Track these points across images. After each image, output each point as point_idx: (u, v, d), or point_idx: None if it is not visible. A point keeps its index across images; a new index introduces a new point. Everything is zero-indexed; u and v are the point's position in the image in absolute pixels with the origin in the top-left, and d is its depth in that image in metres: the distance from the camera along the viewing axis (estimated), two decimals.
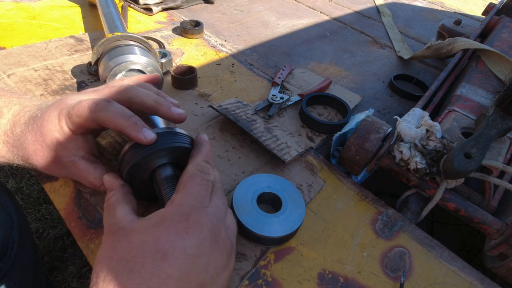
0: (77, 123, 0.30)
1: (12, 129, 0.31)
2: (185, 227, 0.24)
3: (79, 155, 0.32)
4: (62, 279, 0.82)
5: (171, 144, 0.30)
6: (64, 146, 0.31)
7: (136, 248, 0.23)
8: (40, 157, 0.32)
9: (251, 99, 0.58)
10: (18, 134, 0.31)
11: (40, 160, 0.32)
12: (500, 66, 0.60)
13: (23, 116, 0.32)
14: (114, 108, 0.30)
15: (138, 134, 0.29)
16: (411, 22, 1.07)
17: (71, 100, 0.31)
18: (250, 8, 0.97)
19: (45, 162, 0.32)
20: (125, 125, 0.29)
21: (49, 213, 0.96)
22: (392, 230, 0.40)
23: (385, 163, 0.44)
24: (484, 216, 0.39)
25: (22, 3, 0.73)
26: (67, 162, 0.32)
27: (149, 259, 0.22)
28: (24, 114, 0.32)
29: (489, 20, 0.81)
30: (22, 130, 0.31)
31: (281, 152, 0.45)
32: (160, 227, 0.24)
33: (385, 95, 0.69)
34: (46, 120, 0.31)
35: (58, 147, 0.31)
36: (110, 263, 0.23)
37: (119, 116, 0.29)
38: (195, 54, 0.68)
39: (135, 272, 0.22)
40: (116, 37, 0.48)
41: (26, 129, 0.31)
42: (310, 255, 0.36)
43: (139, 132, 0.29)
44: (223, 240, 0.26)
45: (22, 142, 0.31)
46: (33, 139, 0.31)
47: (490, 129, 0.42)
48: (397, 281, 0.35)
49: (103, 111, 0.29)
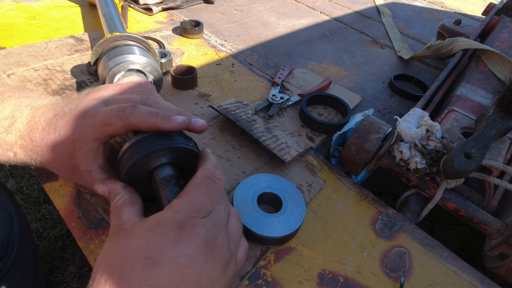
0: (105, 132, 0.30)
1: (30, 135, 0.31)
2: (177, 235, 0.24)
3: (96, 163, 0.32)
4: (62, 279, 0.82)
5: (170, 144, 0.30)
6: (85, 154, 0.31)
7: (129, 252, 0.23)
8: (57, 163, 0.32)
9: (251, 99, 0.58)
10: (37, 140, 0.31)
11: (56, 166, 0.33)
12: (500, 66, 0.60)
13: (39, 122, 0.32)
14: (140, 109, 0.30)
15: (172, 123, 0.30)
16: (411, 22, 1.07)
17: (92, 108, 0.32)
18: (250, 8, 0.97)
19: (61, 168, 0.33)
20: (156, 121, 0.30)
21: (49, 213, 0.96)
22: (392, 230, 0.40)
23: (385, 163, 0.44)
24: (484, 216, 0.39)
25: (22, 3, 0.73)
26: (84, 171, 0.32)
27: (139, 266, 0.22)
28: (40, 118, 0.32)
29: (489, 20, 0.81)
30: (41, 136, 0.31)
31: (281, 152, 0.45)
32: (153, 232, 0.24)
33: (385, 95, 0.69)
34: (69, 131, 0.31)
35: (79, 156, 0.31)
36: (105, 266, 0.23)
37: (148, 116, 0.30)
38: (195, 54, 0.68)
39: (125, 278, 0.22)
40: (115, 37, 0.48)
41: (46, 136, 0.31)
42: (310, 255, 0.36)
43: (171, 122, 0.30)
44: (219, 249, 0.25)
45: (43, 148, 0.31)
46: (53, 148, 0.31)
47: (490, 129, 0.42)
48: (397, 281, 0.35)
49: (132, 115, 0.30)
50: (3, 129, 0.31)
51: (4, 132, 0.31)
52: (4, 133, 0.31)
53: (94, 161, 0.32)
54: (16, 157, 0.33)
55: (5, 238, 0.38)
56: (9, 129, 0.31)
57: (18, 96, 0.33)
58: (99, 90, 0.34)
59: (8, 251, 0.38)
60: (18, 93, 0.34)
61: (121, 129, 0.30)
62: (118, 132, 0.31)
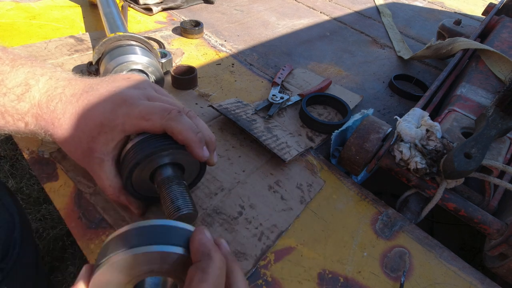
0: (138, 125, 0.30)
1: (49, 104, 0.30)
2: None
3: (112, 153, 0.31)
4: (62, 279, 0.82)
5: (175, 145, 0.30)
6: (106, 142, 0.30)
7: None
8: (73, 141, 0.31)
9: (251, 99, 0.58)
10: (58, 111, 0.30)
11: (72, 143, 0.31)
12: (500, 66, 0.60)
13: (63, 93, 0.30)
14: (185, 121, 0.30)
15: (202, 151, 0.30)
16: (411, 22, 1.07)
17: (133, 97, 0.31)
18: (250, 8, 0.97)
19: (75, 147, 0.31)
20: (193, 140, 0.30)
21: (49, 213, 0.96)
22: (392, 230, 0.40)
23: (385, 163, 0.44)
24: (484, 216, 0.39)
25: (22, 3, 0.73)
26: (97, 157, 0.31)
27: None
28: (63, 90, 0.30)
29: (489, 20, 0.81)
30: (64, 108, 0.30)
31: (281, 151, 0.45)
32: None
33: (385, 95, 0.69)
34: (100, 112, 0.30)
35: (100, 140, 0.30)
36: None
37: (189, 130, 0.30)
38: (195, 54, 0.68)
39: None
40: (118, 37, 0.48)
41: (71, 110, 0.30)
42: (310, 255, 0.36)
43: (202, 150, 0.30)
44: None
45: (62, 123, 0.30)
46: (77, 125, 0.30)
47: (490, 129, 0.42)
48: (397, 281, 0.35)
49: (175, 121, 0.30)
50: (15, 96, 0.30)
51: (16, 99, 0.30)
52: (16, 101, 0.30)
53: (112, 151, 0.31)
54: (26, 128, 0.31)
55: (7, 239, 0.38)
56: (22, 97, 0.30)
57: (31, 65, 0.32)
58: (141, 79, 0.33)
59: (10, 251, 0.38)
60: (30, 62, 0.32)
61: (157, 128, 0.30)
62: (152, 129, 0.30)
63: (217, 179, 0.41)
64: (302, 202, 0.41)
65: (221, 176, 0.42)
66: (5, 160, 1.10)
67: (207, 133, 0.33)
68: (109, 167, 0.31)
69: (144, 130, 0.30)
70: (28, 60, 0.32)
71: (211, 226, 0.36)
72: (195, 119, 0.33)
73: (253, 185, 0.42)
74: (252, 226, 0.37)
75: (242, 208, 0.39)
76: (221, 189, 0.40)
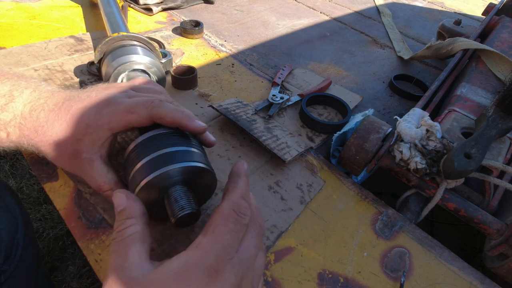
0: (125, 120, 0.31)
1: (32, 114, 0.31)
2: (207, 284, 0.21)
3: (99, 152, 0.32)
4: (62, 279, 0.82)
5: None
6: (93, 142, 0.31)
7: None
8: (59, 146, 0.31)
9: (251, 99, 0.58)
10: (41, 120, 0.31)
11: (57, 149, 0.31)
12: (500, 66, 0.60)
13: (46, 103, 0.31)
14: (169, 105, 0.32)
15: (195, 123, 0.32)
16: (411, 22, 1.07)
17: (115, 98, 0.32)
18: (250, 8, 0.97)
19: (61, 152, 0.31)
20: (182, 117, 0.31)
21: (49, 213, 0.96)
22: (392, 230, 0.40)
23: (385, 163, 0.44)
24: (484, 216, 0.39)
25: (22, 3, 0.73)
26: (85, 158, 0.31)
27: None
28: (46, 100, 0.31)
29: (489, 20, 0.81)
30: (47, 116, 0.31)
31: (281, 151, 0.45)
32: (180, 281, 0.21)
33: (385, 95, 0.69)
34: (84, 115, 0.30)
35: (86, 141, 0.30)
36: None
37: (175, 111, 0.31)
38: (195, 54, 0.68)
39: None
40: (121, 37, 0.48)
41: (54, 117, 0.31)
42: (310, 255, 0.36)
43: (195, 122, 0.32)
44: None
45: (45, 129, 0.31)
46: (60, 130, 0.30)
47: (490, 129, 0.42)
48: (397, 281, 0.35)
49: (160, 107, 0.31)
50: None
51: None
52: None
53: (99, 150, 0.31)
54: (8, 138, 0.32)
55: (10, 241, 0.38)
56: (5, 107, 0.31)
57: (17, 79, 0.33)
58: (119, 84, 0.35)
59: (13, 253, 0.38)
60: (16, 77, 0.34)
61: (145, 118, 0.31)
62: (140, 121, 0.31)
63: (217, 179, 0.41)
64: (302, 202, 0.41)
65: (221, 177, 0.42)
66: (5, 160, 1.10)
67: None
68: (99, 165, 0.31)
69: (132, 124, 0.31)
70: (14, 75, 0.34)
71: None
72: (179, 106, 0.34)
73: (253, 185, 0.42)
74: None
75: None
76: (221, 189, 0.40)
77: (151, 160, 0.29)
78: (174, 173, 0.29)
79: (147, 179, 0.28)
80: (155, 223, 0.35)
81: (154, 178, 0.28)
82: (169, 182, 0.29)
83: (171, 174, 0.29)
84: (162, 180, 0.28)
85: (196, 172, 0.30)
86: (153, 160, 0.29)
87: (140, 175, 0.29)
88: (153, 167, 0.28)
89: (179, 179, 0.30)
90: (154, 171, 0.28)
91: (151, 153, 0.29)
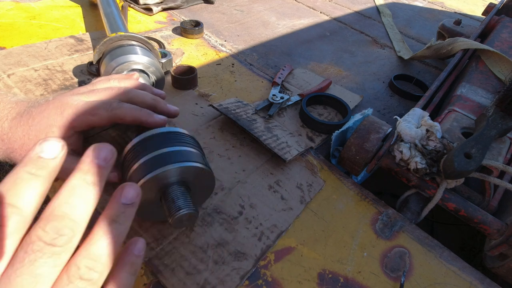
0: (87, 121, 0.32)
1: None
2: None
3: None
4: None
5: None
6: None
7: None
8: (23, 148, 0.33)
9: (251, 99, 0.58)
10: (5, 128, 0.32)
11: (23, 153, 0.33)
12: (500, 66, 0.60)
13: (9, 114, 0.33)
14: (127, 105, 0.34)
15: (155, 119, 0.34)
16: (411, 22, 1.07)
17: (73, 100, 0.33)
18: (250, 8, 0.97)
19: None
20: (141, 115, 0.34)
21: None
22: (392, 230, 0.40)
23: (385, 163, 0.44)
24: (484, 216, 0.39)
25: (22, 3, 0.73)
26: None
27: None
28: (9, 111, 0.33)
29: (489, 20, 0.81)
30: (10, 124, 0.32)
31: (282, 151, 0.45)
32: None
33: (385, 95, 0.69)
34: (45, 117, 0.32)
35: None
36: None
37: (133, 110, 0.34)
38: (195, 54, 0.68)
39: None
40: (119, 37, 0.48)
41: (16, 124, 0.32)
42: (310, 255, 0.36)
43: (155, 117, 0.34)
44: None
45: (10, 136, 0.32)
46: (23, 134, 0.32)
47: (490, 129, 0.42)
48: (397, 281, 0.35)
49: (119, 108, 0.33)
50: None
51: None
52: None
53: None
54: None
55: None
56: None
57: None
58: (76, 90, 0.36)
59: None
60: None
61: (105, 120, 0.33)
62: (102, 122, 0.33)
63: (217, 179, 0.41)
64: (302, 202, 0.41)
65: (221, 176, 0.42)
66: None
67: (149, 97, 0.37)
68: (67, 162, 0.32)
69: (94, 125, 0.33)
70: None
71: (211, 226, 0.36)
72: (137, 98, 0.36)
73: (253, 185, 0.42)
74: (252, 226, 0.37)
75: (242, 208, 0.39)
76: (221, 189, 0.40)
77: (148, 160, 0.29)
78: (172, 173, 0.29)
79: (144, 179, 0.28)
80: (154, 222, 0.35)
81: (151, 178, 0.28)
82: (167, 182, 0.29)
83: (168, 174, 0.29)
84: (159, 180, 0.28)
85: (194, 172, 0.30)
86: (150, 160, 0.29)
87: (137, 175, 0.29)
88: (150, 167, 0.28)
89: (176, 179, 0.30)
90: (151, 171, 0.28)
91: (148, 153, 0.30)
